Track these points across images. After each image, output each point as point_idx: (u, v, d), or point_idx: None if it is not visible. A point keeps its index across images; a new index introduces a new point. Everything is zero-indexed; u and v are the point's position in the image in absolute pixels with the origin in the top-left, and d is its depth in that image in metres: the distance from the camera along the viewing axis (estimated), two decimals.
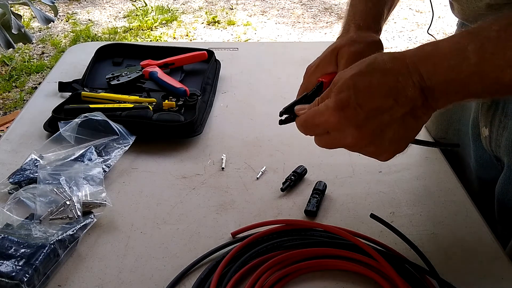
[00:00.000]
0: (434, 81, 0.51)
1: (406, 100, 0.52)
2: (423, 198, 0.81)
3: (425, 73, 0.51)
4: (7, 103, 2.99)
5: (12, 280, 0.60)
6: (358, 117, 0.53)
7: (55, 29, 3.98)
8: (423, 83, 0.52)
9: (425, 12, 4.35)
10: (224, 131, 0.98)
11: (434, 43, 0.52)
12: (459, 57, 0.50)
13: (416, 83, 0.52)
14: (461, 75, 0.50)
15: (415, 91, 0.52)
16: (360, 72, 0.54)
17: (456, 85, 0.51)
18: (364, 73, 0.54)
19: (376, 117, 0.53)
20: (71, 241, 0.69)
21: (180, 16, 4.26)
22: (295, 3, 4.56)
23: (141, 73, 1.09)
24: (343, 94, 0.54)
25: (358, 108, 0.53)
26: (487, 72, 0.49)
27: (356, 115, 0.53)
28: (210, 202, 0.79)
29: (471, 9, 0.70)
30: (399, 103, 0.52)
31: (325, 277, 0.67)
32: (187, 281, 0.66)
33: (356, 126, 0.54)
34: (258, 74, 1.19)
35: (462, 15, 0.75)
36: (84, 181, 0.78)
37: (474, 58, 0.49)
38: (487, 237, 0.74)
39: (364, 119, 0.53)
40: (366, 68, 0.54)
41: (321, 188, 0.80)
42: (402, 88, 0.52)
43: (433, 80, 0.51)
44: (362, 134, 0.54)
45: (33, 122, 0.97)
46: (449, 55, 0.50)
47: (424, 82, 0.51)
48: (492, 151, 0.79)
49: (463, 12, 0.74)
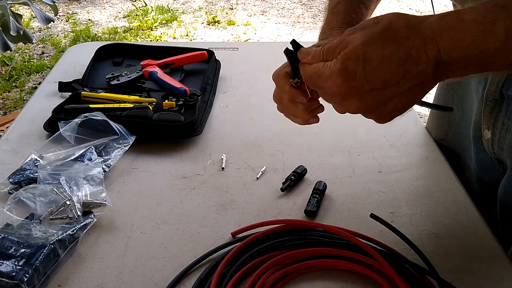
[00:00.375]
0: (453, 56, 0.49)
1: (415, 75, 0.50)
2: (423, 198, 0.81)
3: (444, 48, 0.48)
4: (7, 103, 2.99)
5: (12, 280, 0.60)
6: (363, 89, 0.51)
7: (55, 29, 3.98)
8: (439, 58, 0.49)
9: (425, 12, 4.35)
10: (224, 131, 0.98)
11: (457, 14, 0.49)
12: (485, 32, 0.47)
13: (432, 58, 0.49)
14: (486, 51, 0.47)
15: (427, 66, 0.49)
16: (372, 40, 0.51)
17: (476, 61, 0.48)
18: (376, 42, 0.50)
19: (381, 90, 0.51)
20: (71, 241, 0.69)
21: (180, 16, 4.26)
22: (295, 3, 4.56)
23: (141, 73, 1.09)
24: (350, 63, 0.51)
25: (364, 81, 0.51)
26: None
27: (361, 87, 0.51)
28: (210, 202, 0.79)
29: None
30: (407, 77, 0.50)
31: (325, 277, 0.67)
32: (187, 281, 0.66)
33: (360, 98, 0.52)
34: (258, 74, 1.19)
35: None
36: (84, 181, 0.78)
37: (502, 34, 0.46)
38: (487, 237, 0.74)
39: (368, 91, 0.52)
40: (379, 36, 0.50)
41: (321, 188, 0.80)
42: (414, 63, 0.49)
43: (453, 55, 0.48)
44: (365, 105, 0.53)
45: (33, 122, 0.97)
46: (474, 30, 0.47)
47: (441, 57, 0.49)
48: (494, 154, 0.79)
49: None
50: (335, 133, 0.96)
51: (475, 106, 0.82)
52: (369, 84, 0.51)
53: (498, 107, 0.74)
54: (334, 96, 0.55)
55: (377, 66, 0.50)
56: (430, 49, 0.49)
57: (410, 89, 0.51)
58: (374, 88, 0.51)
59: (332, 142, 0.94)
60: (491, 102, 0.75)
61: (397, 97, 0.52)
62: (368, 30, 0.52)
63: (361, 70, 0.51)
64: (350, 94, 0.53)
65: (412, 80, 0.50)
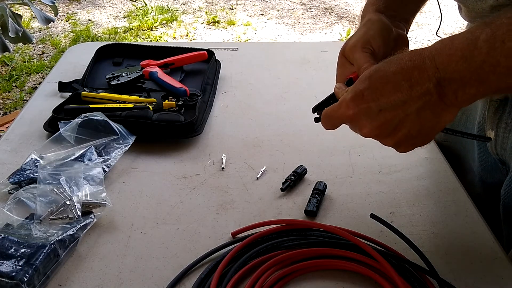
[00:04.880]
0: (448, 72, 0.51)
1: (419, 94, 0.52)
2: (423, 198, 0.81)
3: (440, 64, 0.51)
4: (7, 103, 2.99)
5: (12, 280, 0.60)
6: (371, 110, 0.54)
7: (55, 29, 3.98)
8: (438, 74, 0.51)
9: (425, 12, 4.35)
10: (224, 131, 0.98)
11: (451, 36, 0.52)
12: (471, 46, 0.50)
13: (432, 76, 0.51)
14: (473, 64, 0.50)
15: (429, 84, 0.52)
16: (378, 67, 0.55)
17: (469, 75, 0.50)
18: (382, 66, 0.54)
19: (389, 111, 0.53)
20: (71, 241, 0.69)
21: (180, 16, 4.26)
22: (295, 3, 4.56)
23: (141, 73, 1.09)
24: (359, 85, 0.55)
25: (372, 101, 0.54)
26: (498, 60, 0.49)
27: (370, 108, 0.54)
28: (210, 202, 0.79)
29: (476, 11, 0.70)
30: (412, 96, 0.52)
31: (325, 277, 0.67)
32: (187, 281, 0.66)
33: (370, 119, 0.55)
34: (258, 74, 1.19)
35: (468, 17, 0.75)
36: (84, 181, 0.78)
37: (485, 47, 0.49)
38: (487, 237, 0.74)
39: (377, 113, 0.54)
40: (384, 63, 0.55)
41: (321, 188, 0.80)
42: (416, 82, 0.52)
43: (448, 70, 0.51)
44: (376, 127, 0.55)
45: (33, 122, 0.97)
46: (462, 46, 0.50)
47: (439, 74, 0.51)
48: (497, 154, 0.79)
49: (469, 14, 0.74)
50: (335, 133, 0.95)
51: (479, 106, 0.82)
52: (377, 104, 0.53)
53: (502, 107, 0.74)
54: (348, 121, 0.58)
55: (383, 86, 0.53)
56: (429, 67, 0.51)
57: (419, 112, 0.53)
58: (382, 109, 0.54)
59: (332, 142, 0.94)
60: (495, 102, 0.75)
61: (408, 121, 0.54)
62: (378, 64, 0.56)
63: (368, 89, 0.54)
64: (360, 116, 0.56)
65: (418, 100, 0.52)
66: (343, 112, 0.57)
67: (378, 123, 0.55)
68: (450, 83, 0.52)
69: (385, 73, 0.53)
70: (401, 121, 0.54)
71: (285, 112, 1.04)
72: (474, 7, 0.69)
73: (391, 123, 0.55)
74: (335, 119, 0.61)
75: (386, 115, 0.54)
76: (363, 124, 0.57)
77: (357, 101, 0.55)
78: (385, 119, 0.54)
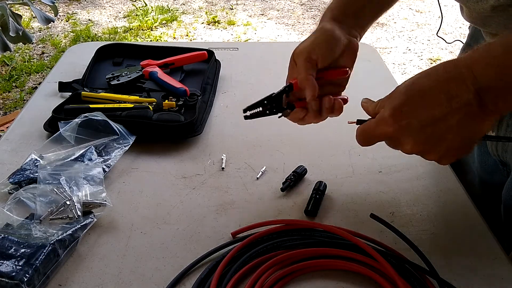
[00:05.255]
0: (487, 81, 0.50)
1: (459, 105, 0.51)
2: (423, 198, 0.81)
3: (478, 73, 0.50)
4: (7, 103, 2.99)
5: (12, 280, 0.60)
6: (413, 126, 0.53)
7: (55, 29, 3.98)
8: (477, 84, 0.51)
9: (425, 12, 4.35)
10: (224, 131, 0.98)
11: (487, 44, 0.52)
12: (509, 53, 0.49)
13: (470, 86, 0.51)
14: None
15: (469, 95, 0.51)
16: (414, 81, 0.54)
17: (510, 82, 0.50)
18: (417, 81, 0.54)
19: (430, 126, 0.53)
20: (71, 241, 0.69)
21: (180, 16, 4.26)
22: (295, 3, 4.56)
23: (141, 73, 1.09)
24: (396, 101, 0.54)
25: (412, 117, 0.53)
26: None
27: (410, 125, 0.53)
28: (210, 202, 0.79)
29: (477, 11, 0.70)
30: (453, 108, 0.51)
31: (325, 277, 0.67)
32: (187, 281, 0.66)
33: (412, 136, 0.54)
34: (258, 74, 1.19)
35: (470, 18, 0.75)
36: (84, 181, 0.78)
37: None
38: (487, 237, 0.74)
39: (419, 129, 0.53)
40: (419, 76, 0.54)
41: (321, 188, 0.80)
42: (455, 93, 0.51)
43: (487, 79, 0.50)
44: (419, 143, 0.55)
45: (33, 122, 0.97)
46: (499, 53, 0.50)
47: (479, 83, 0.50)
48: (498, 156, 0.79)
49: (470, 15, 0.74)
50: (335, 133, 0.96)
51: None
52: (418, 120, 0.53)
53: None
54: (388, 140, 0.58)
55: (421, 101, 0.52)
56: (467, 78, 0.51)
57: (460, 123, 0.52)
58: (423, 124, 0.53)
59: (332, 142, 0.94)
60: None
61: (450, 134, 0.53)
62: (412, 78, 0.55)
63: (408, 109, 0.53)
64: (402, 133, 0.55)
65: (459, 112, 0.52)
66: (382, 130, 0.56)
67: (420, 139, 0.54)
68: (489, 91, 0.51)
69: (421, 87, 0.53)
70: (443, 134, 0.53)
71: None
72: (475, 7, 0.70)
73: (434, 137, 0.54)
74: (373, 137, 0.59)
75: (428, 130, 0.53)
76: (405, 141, 0.56)
77: (397, 118, 0.54)
78: (428, 133, 0.54)
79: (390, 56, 3.61)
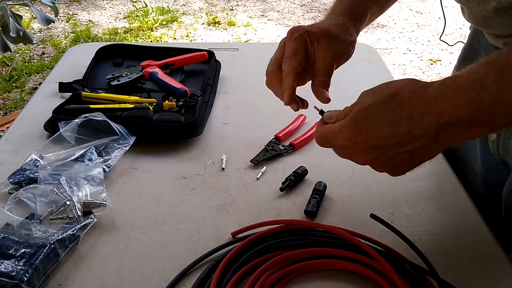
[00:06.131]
0: (454, 116, 0.51)
1: (417, 137, 0.53)
2: (423, 199, 0.81)
3: (446, 108, 0.51)
4: (7, 103, 2.99)
5: (12, 280, 0.60)
6: (368, 144, 0.55)
7: (55, 29, 3.98)
8: (441, 120, 0.51)
9: (425, 13, 4.35)
10: (224, 131, 0.98)
11: (454, 77, 0.52)
12: (478, 87, 0.49)
13: (433, 121, 0.51)
14: (483, 106, 0.49)
15: (429, 130, 0.52)
16: (380, 102, 0.55)
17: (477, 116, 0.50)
18: (382, 104, 0.55)
19: (385, 147, 0.55)
20: (71, 241, 0.69)
21: (180, 17, 4.26)
22: (295, 4, 4.56)
23: (141, 73, 1.09)
24: (358, 120, 0.56)
25: (370, 138, 0.55)
26: (509, 100, 0.48)
27: (367, 142, 0.55)
28: (210, 202, 0.79)
29: (479, 13, 0.70)
30: (409, 138, 0.53)
31: (325, 277, 0.67)
32: (187, 281, 0.66)
33: (365, 153, 0.56)
34: (258, 75, 1.18)
35: (472, 19, 0.76)
36: (84, 181, 0.78)
37: (494, 87, 0.48)
38: (487, 237, 0.74)
39: (374, 147, 0.55)
40: (386, 99, 0.55)
41: (321, 189, 0.80)
42: (415, 125, 0.52)
43: (454, 115, 0.51)
44: (370, 159, 0.57)
45: (33, 122, 0.97)
46: (468, 87, 0.50)
47: (443, 118, 0.51)
48: (499, 155, 0.79)
49: (472, 16, 0.74)
50: None
51: None
52: (375, 140, 0.55)
53: None
54: (343, 150, 0.59)
55: (381, 126, 0.54)
56: (431, 112, 0.51)
57: (413, 150, 0.54)
58: (379, 145, 0.55)
59: None
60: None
61: (402, 155, 0.55)
62: (378, 94, 0.56)
63: (367, 128, 0.55)
64: (356, 149, 0.57)
65: (414, 141, 0.53)
66: (340, 141, 0.58)
67: (372, 156, 0.57)
68: (455, 125, 0.51)
69: (386, 113, 0.54)
70: (396, 155, 0.55)
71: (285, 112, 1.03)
72: (477, 9, 0.70)
73: (386, 157, 0.56)
74: (331, 145, 0.61)
75: (382, 150, 0.55)
76: (357, 155, 0.58)
77: (355, 135, 0.56)
78: (380, 152, 0.56)
79: (390, 57, 3.61)
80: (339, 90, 1.05)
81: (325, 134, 0.61)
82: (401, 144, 0.54)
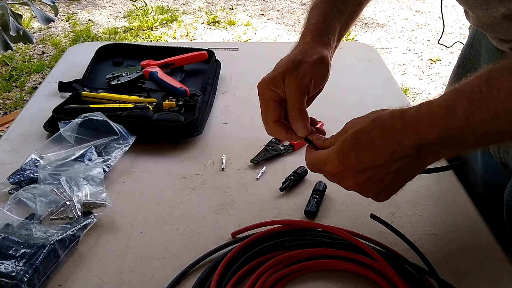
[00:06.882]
0: (431, 138, 0.55)
1: (400, 157, 0.57)
2: (423, 199, 0.81)
3: (422, 132, 0.55)
4: (7, 103, 2.99)
5: (12, 280, 0.60)
6: (356, 169, 0.59)
7: (55, 29, 3.98)
8: (419, 140, 0.55)
9: (425, 12, 4.35)
10: (224, 131, 0.98)
11: (428, 103, 0.56)
12: (449, 114, 0.53)
13: (412, 141, 0.56)
14: (454, 131, 0.54)
15: (410, 150, 0.56)
16: (364, 127, 0.59)
17: (450, 139, 0.55)
18: (367, 128, 0.59)
19: (372, 169, 0.58)
20: (71, 241, 0.69)
21: (180, 16, 4.26)
22: (295, 3, 4.56)
23: (141, 73, 1.09)
24: (346, 146, 0.59)
25: (358, 162, 0.58)
26: (477, 125, 0.52)
27: (355, 167, 0.59)
28: (210, 202, 0.79)
29: (486, 18, 0.70)
30: (394, 158, 0.57)
31: (325, 277, 0.67)
32: (187, 281, 0.66)
33: (354, 177, 0.60)
34: (258, 74, 1.18)
35: (477, 23, 0.75)
36: (84, 181, 0.78)
37: (462, 114, 0.52)
38: (487, 237, 0.74)
39: (361, 171, 0.59)
40: (369, 124, 0.59)
41: (321, 189, 0.80)
42: (398, 145, 0.56)
43: (430, 137, 0.55)
44: (359, 183, 0.60)
45: (33, 122, 0.97)
46: (441, 113, 0.54)
47: (421, 140, 0.55)
48: (499, 158, 0.79)
49: (478, 20, 0.74)
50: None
51: None
52: (361, 164, 0.58)
53: None
54: (333, 176, 0.62)
55: (367, 149, 0.58)
56: (410, 134, 0.56)
57: (398, 170, 0.58)
58: (366, 167, 0.58)
59: None
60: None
61: (388, 177, 0.58)
62: (363, 119, 0.60)
63: (354, 151, 0.58)
64: (345, 174, 0.60)
65: (399, 161, 0.57)
66: (329, 169, 0.61)
67: (360, 180, 0.59)
68: (431, 146, 0.56)
69: (370, 136, 0.58)
70: (383, 177, 0.59)
71: None
72: (484, 15, 0.69)
73: (373, 180, 0.59)
74: (321, 170, 0.64)
75: (370, 173, 0.58)
76: (347, 180, 0.61)
77: (344, 161, 0.59)
78: (368, 176, 0.59)
79: (390, 57, 3.61)
80: (339, 90, 1.05)
81: (314, 162, 0.64)
82: (387, 165, 0.57)
